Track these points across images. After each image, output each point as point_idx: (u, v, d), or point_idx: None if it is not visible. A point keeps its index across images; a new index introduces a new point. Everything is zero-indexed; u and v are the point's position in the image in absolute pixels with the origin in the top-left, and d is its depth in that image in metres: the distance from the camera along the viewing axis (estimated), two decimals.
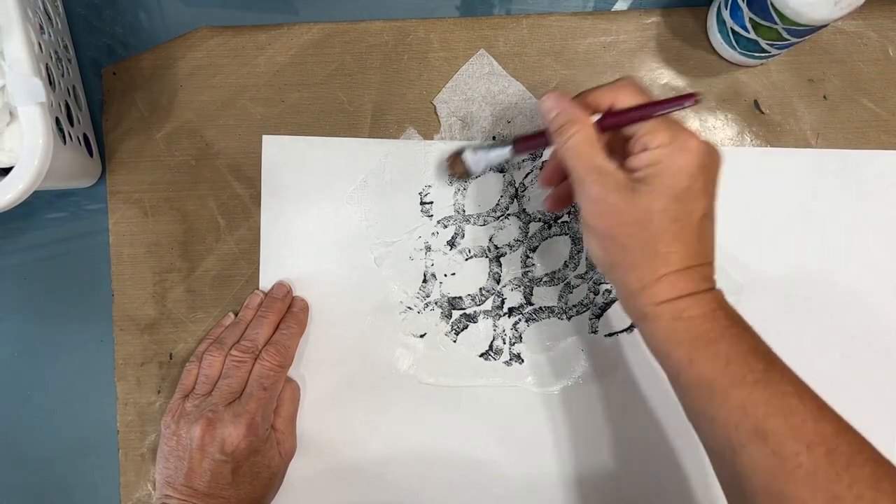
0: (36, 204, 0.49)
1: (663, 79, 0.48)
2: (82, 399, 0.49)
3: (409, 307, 0.48)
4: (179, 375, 0.48)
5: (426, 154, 0.48)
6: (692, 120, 0.48)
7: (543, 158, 0.48)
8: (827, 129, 0.48)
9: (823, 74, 0.48)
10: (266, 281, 0.48)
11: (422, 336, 0.48)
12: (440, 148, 0.48)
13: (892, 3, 0.48)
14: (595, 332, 0.48)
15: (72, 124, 0.44)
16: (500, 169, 0.48)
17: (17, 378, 0.49)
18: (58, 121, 0.41)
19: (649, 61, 0.48)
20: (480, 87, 0.48)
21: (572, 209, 0.48)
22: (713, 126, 0.48)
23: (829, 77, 0.48)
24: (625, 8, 0.49)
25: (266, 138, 0.48)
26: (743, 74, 0.48)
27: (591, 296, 0.48)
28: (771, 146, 0.48)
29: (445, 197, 0.48)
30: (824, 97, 0.48)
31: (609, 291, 0.48)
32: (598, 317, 0.48)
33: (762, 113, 0.48)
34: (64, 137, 0.42)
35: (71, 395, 0.49)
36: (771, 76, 0.48)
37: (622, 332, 0.48)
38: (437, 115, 0.48)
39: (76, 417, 0.49)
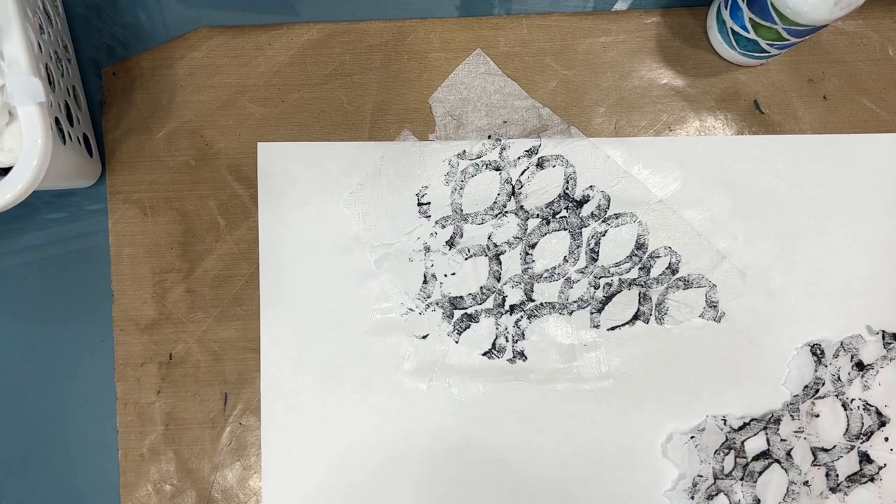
0: (36, 204, 0.49)
1: (663, 79, 0.48)
2: (82, 399, 0.49)
3: (410, 309, 0.48)
4: (179, 376, 0.48)
5: (422, 154, 0.48)
6: (692, 120, 0.48)
7: (539, 154, 0.48)
8: (827, 129, 0.48)
9: (823, 74, 0.48)
10: (267, 287, 0.48)
11: (424, 337, 0.48)
12: (436, 148, 0.48)
13: (892, 3, 0.48)
14: (597, 326, 0.48)
15: (72, 124, 0.44)
16: (497, 167, 0.48)
17: (17, 378, 0.49)
18: (57, 121, 0.41)
19: (649, 61, 0.48)
20: (476, 86, 0.48)
21: (569, 205, 0.48)
22: (713, 126, 0.48)
23: (829, 77, 0.48)
24: (625, 8, 0.49)
25: (261, 145, 0.48)
26: (743, 74, 0.48)
27: (592, 290, 0.48)
28: None
29: (443, 197, 0.48)
30: (824, 97, 0.48)
31: (609, 285, 0.48)
32: (600, 311, 0.48)
33: (762, 113, 0.48)
34: (64, 137, 0.42)
35: (71, 395, 0.49)
36: (771, 76, 0.48)
37: (624, 325, 0.48)
38: (429, 111, 0.48)
39: (76, 417, 0.49)
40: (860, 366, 0.46)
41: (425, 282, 0.48)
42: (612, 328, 0.48)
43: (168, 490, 0.48)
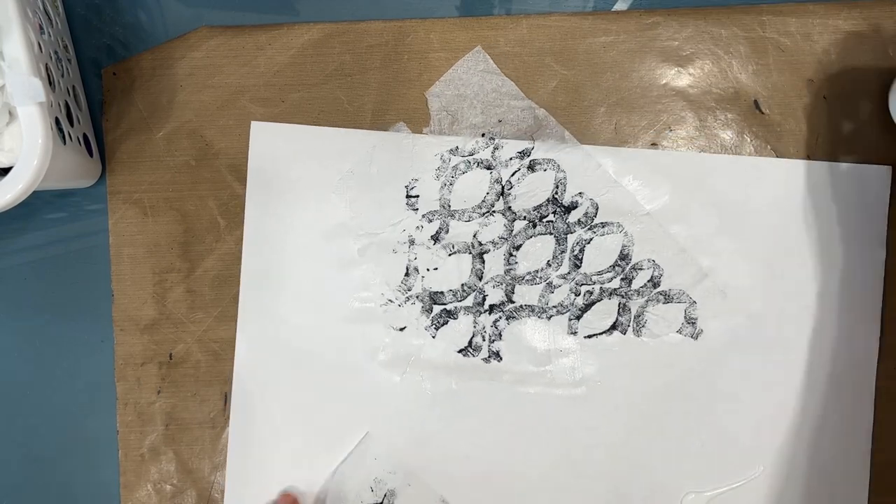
0: (36, 204, 0.49)
1: (663, 79, 0.48)
2: (82, 399, 0.49)
3: (390, 300, 0.48)
4: (179, 376, 0.48)
5: (414, 147, 0.48)
6: (692, 120, 0.48)
7: (531, 157, 0.48)
8: (827, 129, 0.48)
9: (823, 74, 0.48)
10: (248, 268, 0.48)
11: (402, 329, 0.48)
12: (429, 141, 0.48)
13: (892, 3, 0.48)
14: (574, 333, 0.48)
15: (72, 124, 0.44)
16: (488, 166, 0.48)
17: (17, 378, 0.49)
18: (58, 121, 0.41)
19: (649, 61, 0.48)
20: (474, 83, 0.48)
21: (556, 210, 0.47)
22: (713, 126, 0.48)
23: (829, 77, 0.48)
24: (625, 8, 0.49)
25: (255, 125, 0.48)
26: (742, 74, 0.48)
27: (573, 297, 0.48)
28: (771, 146, 0.48)
29: (431, 191, 0.48)
30: (824, 97, 0.48)
31: (590, 293, 0.48)
32: (578, 318, 0.48)
33: (762, 113, 0.48)
34: (64, 137, 0.42)
35: (71, 395, 0.49)
36: (771, 76, 0.48)
37: (602, 334, 0.48)
38: (427, 107, 0.48)
39: (76, 417, 0.49)
40: None
41: (407, 274, 0.48)
42: (589, 336, 0.48)
43: (168, 490, 0.48)
